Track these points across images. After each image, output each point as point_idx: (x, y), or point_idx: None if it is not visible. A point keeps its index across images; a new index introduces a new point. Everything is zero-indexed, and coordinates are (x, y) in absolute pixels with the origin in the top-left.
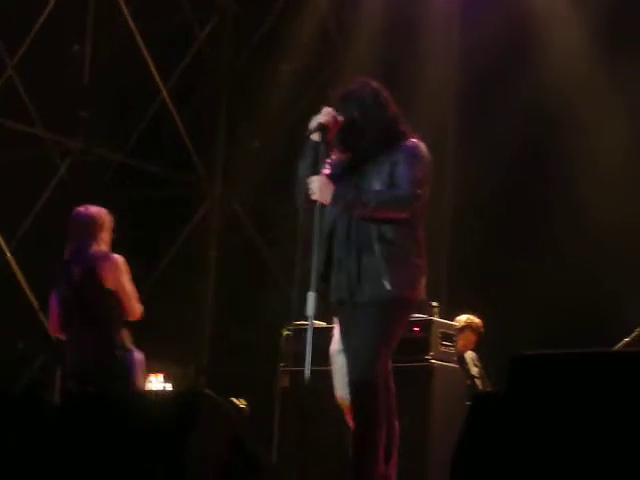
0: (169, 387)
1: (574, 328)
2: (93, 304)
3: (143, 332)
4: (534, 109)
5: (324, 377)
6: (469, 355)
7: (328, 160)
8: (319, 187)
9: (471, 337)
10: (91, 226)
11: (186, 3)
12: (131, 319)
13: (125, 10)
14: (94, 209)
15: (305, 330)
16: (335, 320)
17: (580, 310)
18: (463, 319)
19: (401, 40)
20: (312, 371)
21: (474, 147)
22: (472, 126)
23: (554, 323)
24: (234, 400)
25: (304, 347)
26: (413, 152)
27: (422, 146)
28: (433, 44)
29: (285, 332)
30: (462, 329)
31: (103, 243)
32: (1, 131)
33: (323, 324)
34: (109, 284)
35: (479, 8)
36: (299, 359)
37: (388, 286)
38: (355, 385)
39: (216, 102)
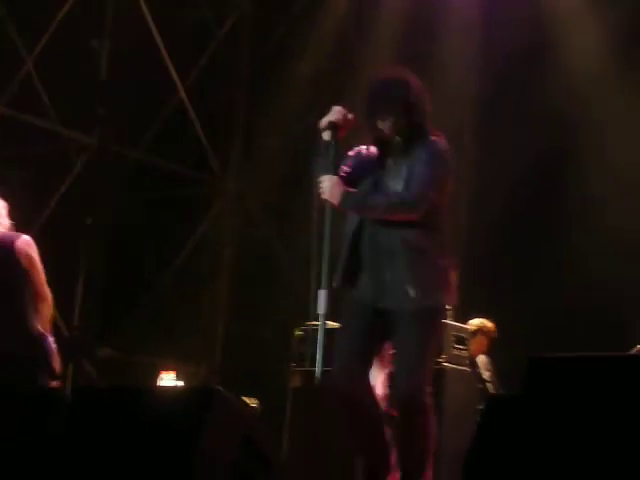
0: (181, 384)
1: (586, 332)
2: (8, 284)
3: (157, 329)
4: (551, 113)
5: None
6: (481, 359)
7: (352, 152)
8: (329, 187)
9: (483, 341)
10: None
11: (203, 1)
12: (44, 303)
13: (143, 6)
14: None
15: (317, 330)
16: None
17: (593, 315)
18: (476, 323)
19: (420, 41)
20: (323, 371)
21: (490, 151)
22: (489, 130)
23: (567, 327)
24: (245, 399)
25: (316, 347)
26: (432, 151)
27: (443, 144)
28: (452, 46)
29: (297, 332)
30: (474, 333)
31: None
32: (18, 126)
33: (335, 324)
34: (24, 264)
35: (499, 10)
36: (311, 359)
37: (414, 295)
38: (402, 403)
39: (233, 100)
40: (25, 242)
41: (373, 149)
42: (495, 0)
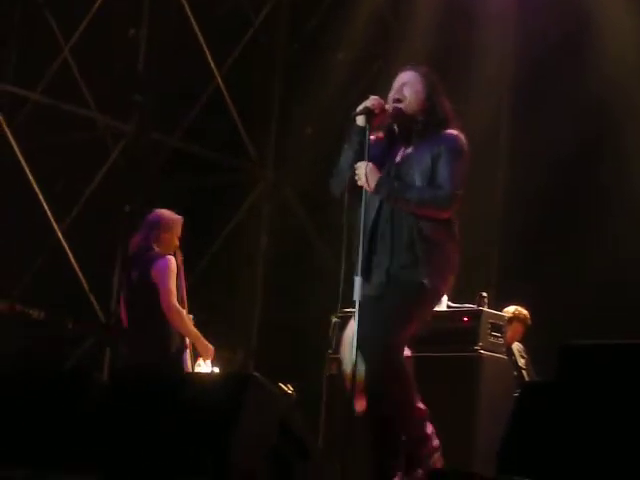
0: (217, 370)
1: (620, 320)
2: (147, 305)
3: (193, 316)
4: (589, 102)
5: None
6: (516, 346)
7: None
8: (365, 173)
9: (519, 328)
10: (154, 228)
11: None
12: (172, 317)
13: None
14: (162, 211)
15: (353, 317)
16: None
17: (630, 304)
18: (511, 310)
19: (457, 30)
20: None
21: (527, 139)
22: (526, 118)
23: (604, 316)
24: (281, 385)
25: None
26: (454, 146)
27: (463, 139)
28: (489, 35)
29: (334, 319)
30: (510, 320)
31: (164, 243)
32: (56, 113)
33: None
34: (154, 278)
35: None
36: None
37: (420, 276)
38: (372, 360)
39: (270, 88)
40: (164, 260)
41: (381, 135)
42: None
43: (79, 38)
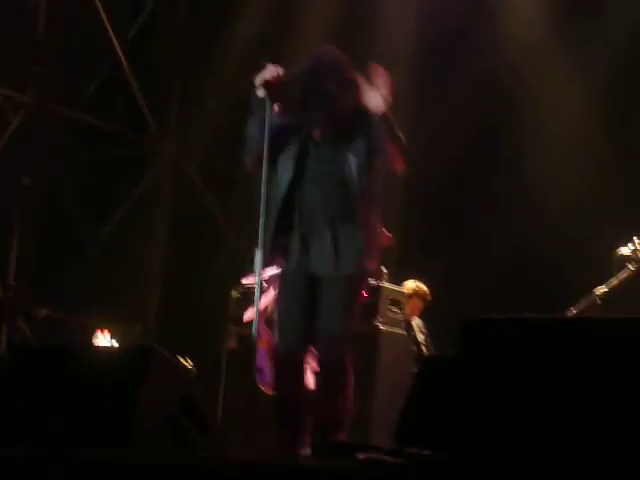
0: (115, 344)
1: (522, 298)
2: None
3: (92, 290)
4: (488, 83)
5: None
6: (415, 322)
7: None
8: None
9: (418, 304)
10: None
11: None
12: None
13: None
14: None
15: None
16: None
17: (529, 282)
18: (411, 286)
19: (358, 4)
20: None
21: (427, 117)
22: (425, 99)
23: (503, 293)
24: (181, 359)
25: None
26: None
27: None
28: (391, 13)
29: (234, 293)
30: (409, 296)
31: None
32: None
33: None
34: None
35: None
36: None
37: (358, 262)
38: (326, 363)
39: (171, 61)
40: None
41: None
42: None
43: None
